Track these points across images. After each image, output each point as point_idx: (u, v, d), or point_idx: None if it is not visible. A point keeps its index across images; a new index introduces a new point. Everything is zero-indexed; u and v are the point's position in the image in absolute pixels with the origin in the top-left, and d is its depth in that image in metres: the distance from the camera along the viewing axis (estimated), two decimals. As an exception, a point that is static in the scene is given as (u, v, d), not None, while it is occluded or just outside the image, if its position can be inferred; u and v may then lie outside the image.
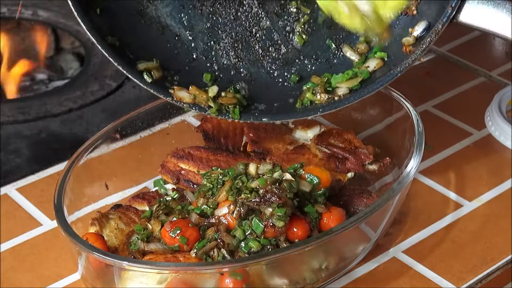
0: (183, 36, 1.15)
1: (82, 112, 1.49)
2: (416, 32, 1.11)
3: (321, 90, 1.13)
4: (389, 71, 1.10)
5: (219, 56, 1.16)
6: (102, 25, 1.09)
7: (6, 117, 1.46)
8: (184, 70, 1.14)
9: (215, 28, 1.16)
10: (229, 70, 1.16)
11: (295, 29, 1.18)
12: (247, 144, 1.27)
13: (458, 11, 1.07)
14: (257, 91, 1.16)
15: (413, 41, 1.10)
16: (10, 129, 1.44)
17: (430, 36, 1.08)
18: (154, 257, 1.07)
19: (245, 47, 1.17)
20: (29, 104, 1.50)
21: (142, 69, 1.10)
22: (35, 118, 1.47)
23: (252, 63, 1.17)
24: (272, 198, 1.06)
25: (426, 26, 1.10)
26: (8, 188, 1.32)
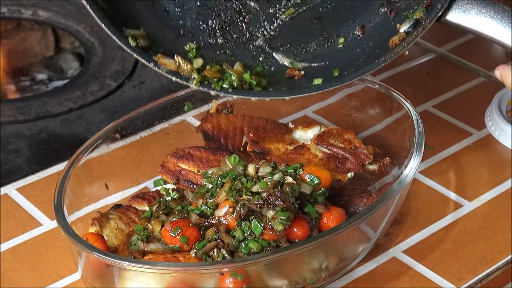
0: (172, 11, 1.15)
1: (82, 112, 1.49)
2: (404, 27, 1.11)
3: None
4: (373, 61, 1.11)
5: (206, 35, 1.16)
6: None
7: (6, 117, 1.46)
8: (170, 44, 1.14)
9: (204, 7, 1.16)
10: (214, 50, 1.16)
11: (285, 15, 1.18)
12: (247, 144, 1.27)
13: (446, 10, 1.07)
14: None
15: (399, 36, 1.11)
16: (10, 129, 1.44)
17: (417, 30, 1.08)
18: (154, 257, 1.07)
19: (232, 29, 1.17)
20: (29, 104, 1.50)
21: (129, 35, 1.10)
22: (35, 118, 1.47)
23: (237, 45, 1.17)
24: (276, 201, 1.06)
25: (414, 23, 1.11)
26: (8, 188, 1.32)
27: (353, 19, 1.17)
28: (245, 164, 1.14)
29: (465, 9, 1.07)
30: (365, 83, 1.31)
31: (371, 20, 1.17)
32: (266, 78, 1.14)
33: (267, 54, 1.17)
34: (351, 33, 1.17)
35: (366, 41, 1.16)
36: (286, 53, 1.17)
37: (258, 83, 1.12)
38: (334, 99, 1.39)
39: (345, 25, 1.17)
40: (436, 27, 1.07)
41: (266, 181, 1.09)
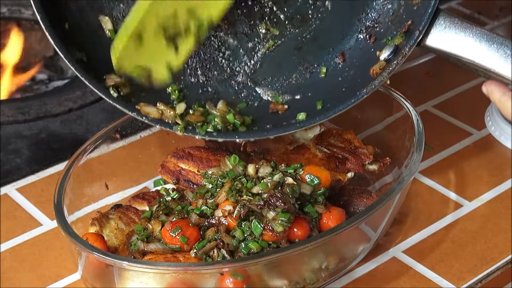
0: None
1: (82, 112, 1.49)
2: (384, 55, 1.11)
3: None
4: (355, 92, 1.11)
5: (187, 75, 1.16)
6: (71, 40, 1.08)
7: (6, 117, 1.46)
8: (151, 88, 1.14)
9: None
10: (197, 89, 1.16)
11: (264, 49, 1.18)
12: (247, 144, 1.27)
13: (425, 35, 1.07)
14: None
15: (380, 65, 1.11)
16: (10, 129, 1.44)
17: (397, 59, 1.08)
18: (154, 257, 1.07)
19: (213, 66, 1.17)
20: (29, 104, 1.50)
21: (110, 85, 1.10)
22: (35, 118, 1.47)
23: (220, 82, 1.17)
24: (277, 202, 1.06)
25: (394, 49, 1.10)
26: (8, 188, 1.32)
27: (332, 46, 1.18)
28: (245, 164, 1.14)
29: (444, 34, 1.07)
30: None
31: (351, 47, 1.17)
32: (250, 115, 1.14)
33: (250, 89, 1.17)
34: (332, 62, 1.17)
35: (347, 69, 1.16)
36: (269, 86, 1.17)
37: (242, 122, 1.13)
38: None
39: (325, 54, 1.18)
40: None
41: (266, 182, 1.09)
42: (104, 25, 1.13)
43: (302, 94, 1.17)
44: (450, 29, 1.06)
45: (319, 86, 1.17)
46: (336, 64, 1.18)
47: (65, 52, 1.07)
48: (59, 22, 1.08)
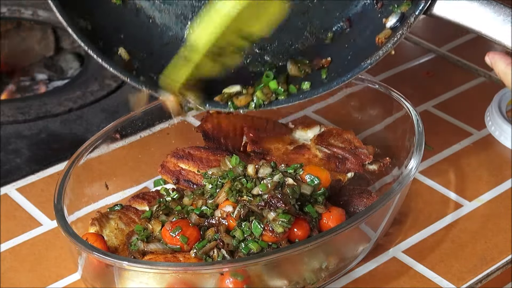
0: (157, 18, 1.14)
1: (82, 112, 1.49)
2: (390, 23, 1.10)
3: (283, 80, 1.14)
4: (360, 63, 1.10)
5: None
6: (75, 6, 1.06)
7: (6, 117, 1.46)
8: (157, 53, 1.13)
9: (189, 12, 1.15)
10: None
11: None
12: (247, 144, 1.27)
13: (432, 3, 1.06)
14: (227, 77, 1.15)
15: (385, 34, 1.10)
16: (10, 129, 1.44)
17: (402, 29, 1.07)
18: (154, 257, 1.07)
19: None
20: (29, 104, 1.50)
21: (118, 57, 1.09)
22: (35, 118, 1.47)
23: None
24: (278, 203, 1.06)
25: (400, 17, 1.09)
26: (8, 188, 1.32)
27: (339, 11, 1.16)
28: (245, 164, 1.14)
29: (451, 3, 1.05)
30: (365, 83, 1.31)
31: (357, 12, 1.15)
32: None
33: (256, 55, 1.16)
34: (338, 27, 1.16)
35: (354, 36, 1.14)
36: (275, 53, 1.16)
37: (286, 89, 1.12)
38: (334, 99, 1.39)
39: (331, 18, 1.16)
40: (435, 27, 1.07)
41: (266, 183, 1.09)
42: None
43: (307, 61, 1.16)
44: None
45: (325, 52, 1.16)
46: (343, 29, 1.16)
47: (68, 19, 1.04)
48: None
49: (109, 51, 1.08)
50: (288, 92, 1.12)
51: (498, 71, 1.04)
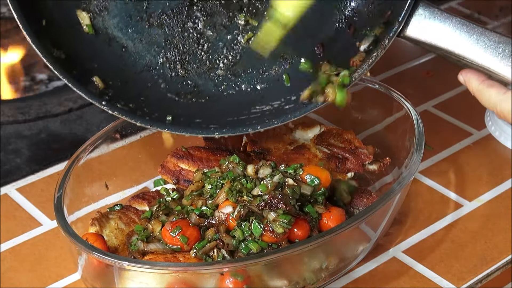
0: (130, 47, 1.15)
1: (82, 112, 1.49)
2: (364, 46, 1.11)
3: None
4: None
5: (166, 68, 1.16)
6: (48, 37, 1.08)
7: (6, 117, 1.46)
8: (132, 81, 1.14)
9: (162, 40, 1.16)
10: (176, 82, 1.16)
11: (243, 40, 1.18)
12: (247, 144, 1.27)
13: (405, 25, 1.07)
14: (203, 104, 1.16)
15: (360, 57, 1.10)
16: (10, 129, 1.44)
17: (377, 51, 1.08)
18: (154, 257, 1.07)
19: (192, 59, 1.17)
20: (29, 104, 1.50)
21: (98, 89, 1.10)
22: (35, 118, 1.47)
23: (199, 75, 1.17)
24: (278, 204, 1.06)
25: (373, 40, 1.10)
26: (8, 188, 1.32)
27: (311, 37, 1.17)
28: (244, 164, 1.14)
29: (424, 24, 1.06)
30: (365, 83, 1.31)
31: (330, 37, 1.16)
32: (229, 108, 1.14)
33: (230, 82, 1.17)
34: (311, 52, 1.16)
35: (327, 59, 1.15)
36: (249, 79, 1.17)
37: None
38: (334, 99, 1.38)
39: (304, 44, 1.17)
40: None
41: (266, 184, 1.09)
42: (82, 20, 1.12)
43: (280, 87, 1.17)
44: (430, 19, 1.06)
45: (299, 77, 1.16)
46: (316, 54, 1.16)
47: (42, 49, 1.06)
48: (35, 19, 1.07)
49: (83, 79, 1.09)
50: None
51: (472, 89, 1.04)
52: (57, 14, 1.09)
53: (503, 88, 1.01)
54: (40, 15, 1.08)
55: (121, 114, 1.09)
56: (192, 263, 1.05)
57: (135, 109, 1.10)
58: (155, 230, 1.10)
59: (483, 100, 1.03)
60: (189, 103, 1.15)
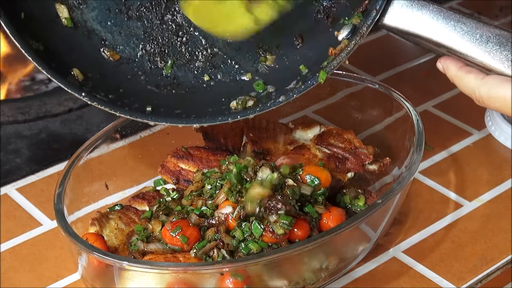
0: (109, 40, 1.15)
1: (82, 112, 1.49)
2: (342, 35, 1.11)
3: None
4: (315, 74, 1.10)
5: (146, 60, 1.16)
6: (27, 29, 1.08)
7: (6, 117, 1.46)
8: (111, 74, 1.14)
9: (141, 33, 1.16)
10: (156, 75, 1.16)
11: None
12: (247, 144, 1.27)
13: (383, 14, 1.07)
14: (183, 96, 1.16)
15: (338, 45, 1.10)
16: (10, 129, 1.44)
17: (355, 39, 1.08)
18: (154, 257, 1.07)
19: (171, 51, 1.17)
20: (29, 104, 1.50)
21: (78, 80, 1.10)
22: (35, 118, 1.47)
23: (179, 67, 1.17)
24: (278, 205, 1.06)
25: (352, 29, 1.10)
26: (8, 188, 1.32)
27: (290, 28, 1.17)
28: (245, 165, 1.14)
29: (401, 12, 1.06)
30: (365, 83, 1.31)
31: (309, 28, 1.16)
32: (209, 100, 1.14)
33: (209, 73, 1.17)
34: (290, 43, 1.16)
35: (306, 50, 1.15)
36: (228, 70, 1.17)
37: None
38: (334, 99, 1.39)
39: (283, 35, 1.17)
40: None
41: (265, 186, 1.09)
42: (61, 13, 1.12)
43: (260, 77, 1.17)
44: (407, 7, 1.06)
45: (279, 68, 1.17)
46: (295, 45, 1.17)
47: (21, 42, 1.06)
48: (14, 12, 1.07)
49: (63, 71, 1.09)
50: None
51: (451, 75, 1.04)
52: (36, 7, 1.10)
53: (481, 74, 1.01)
54: (19, 8, 1.08)
55: (100, 105, 1.09)
56: (192, 263, 1.05)
57: (114, 100, 1.10)
58: (155, 230, 1.10)
59: (462, 86, 1.03)
60: (169, 95, 1.15)
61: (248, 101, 1.12)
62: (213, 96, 1.15)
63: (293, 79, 1.12)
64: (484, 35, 1.02)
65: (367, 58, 1.65)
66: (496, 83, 0.98)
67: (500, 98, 0.98)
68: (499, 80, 0.98)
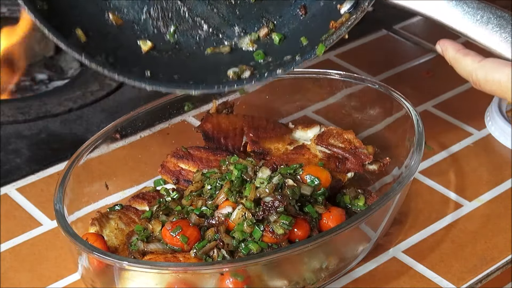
0: (113, 2, 1.15)
1: (82, 112, 1.49)
2: (344, 8, 1.10)
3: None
4: (313, 47, 1.10)
5: (149, 24, 1.16)
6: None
7: (6, 117, 1.46)
8: (113, 35, 1.13)
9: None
10: (158, 39, 1.16)
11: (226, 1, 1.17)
12: (247, 144, 1.27)
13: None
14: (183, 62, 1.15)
15: (340, 19, 1.09)
16: (10, 129, 1.44)
17: (356, 13, 1.07)
18: (154, 257, 1.07)
19: (174, 16, 1.16)
20: (29, 104, 1.50)
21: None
22: (35, 118, 1.47)
23: (181, 32, 1.17)
24: (276, 203, 1.06)
25: (354, 3, 1.09)
26: (8, 188, 1.32)
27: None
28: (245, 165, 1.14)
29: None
30: (365, 83, 1.31)
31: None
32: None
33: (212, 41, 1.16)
34: (294, 14, 1.16)
35: (309, 22, 1.15)
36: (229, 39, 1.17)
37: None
38: (334, 99, 1.39)
39: (286, 6, 1.16)
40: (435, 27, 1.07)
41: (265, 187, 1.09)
42: None
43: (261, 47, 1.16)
44: None
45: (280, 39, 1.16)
46: (298, 16, 1.17)
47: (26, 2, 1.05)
48: None
49: (65, 31, 1.09)
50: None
51: (449, 58, 1.04)
52: None
53: (479, 57, 1.00)
54: None
55: (99, 66, 1.08)
56: (192, 263, 1.05)
57: (114, 63, 1.10)
58: (155, 230, 1.10)
59: (459, 69, 1.03)
60: (169, 60, 1.15)
61: (245, 71, 1.11)
62: (213, 63, 1.14)
63: (293, 51, 1.11)
64: (485, 16, 1.01)
65: (367, 58, 1.65)
66: (493, 66, 0.98)
67: (496, 81, 0.97)
68: (496, 64, 0.98)
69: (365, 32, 1.71)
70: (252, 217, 1.06)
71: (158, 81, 1.09)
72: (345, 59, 1.63)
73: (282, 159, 1.23)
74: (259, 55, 1.13)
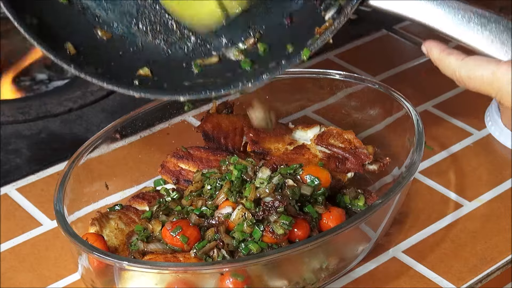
0: (103, 17, 1.15)
1: (82, 112, 1.49)
2: (328, 15, 1.10)
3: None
4: (298, 52, 1.10)
5: (138, 38, 1.16)
6: (22, 4, 1.08)
7: (6, 117, 1.46)
8: (103, 49, 1.14)
9: (134, 11, 1.16)
10: (147, 51, 1.16)
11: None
12: (247, 144, 1.27)
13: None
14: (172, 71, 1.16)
15: (324, 25, 1.10)
16: (10, 129, 1.44)
17: (339, 18, 1.08)
18: (154, 257, 1.07)
19: (163, 29, 1.17)
20: (29, 104, 1.50)
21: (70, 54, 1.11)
22: (35, 118, 1.47)
23: (170, 45, 1.17)
24: (276, 203, 1.06)
25: (338, 9, 1.10)
26: (8, 188, 1.32)
27: (280, 8, 1.17)
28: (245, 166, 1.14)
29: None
30: (365, 83, 1.31)
31: (298, 9, 1.16)
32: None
33: (200, 51, 1.17)
34: (280, 23, 1.16)
35: (295, 30, 1.15)
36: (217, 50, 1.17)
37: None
38: (334, 99, 1.39)
39: (272, 16, 1.17)
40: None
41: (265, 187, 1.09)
42: None
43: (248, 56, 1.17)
44: None
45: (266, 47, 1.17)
46: (284, 25, 1.17)
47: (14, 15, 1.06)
48: None
49: (55, 45, 1.09)
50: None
51: (434, 58, 1.05)
52: None
53: (462, 55, 1.01)
54: None
55: (88, 76, 1.09)
56: (192, 263, 1.05)
57: (103, 73, 1.11)
58: (155, 230, 1.10)
59: (443, 68, 1.03)
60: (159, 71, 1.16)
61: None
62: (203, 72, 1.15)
63: (279, 58, 1.12)
64: (466, 16, 1.02)
65: (367, 58, 1.65)
66: (476, 64, 0.99)
67: (479, 78, 0.98)
68: (478, 61, 0.99)
69: (365, 32, 1.71)
70: (252, 217, 1.07)
71: (147, 90, 1.10)
72: (345, 59, 1.63)
73: (282, 159, 1.23)
74: (246, 63, 1.14)
